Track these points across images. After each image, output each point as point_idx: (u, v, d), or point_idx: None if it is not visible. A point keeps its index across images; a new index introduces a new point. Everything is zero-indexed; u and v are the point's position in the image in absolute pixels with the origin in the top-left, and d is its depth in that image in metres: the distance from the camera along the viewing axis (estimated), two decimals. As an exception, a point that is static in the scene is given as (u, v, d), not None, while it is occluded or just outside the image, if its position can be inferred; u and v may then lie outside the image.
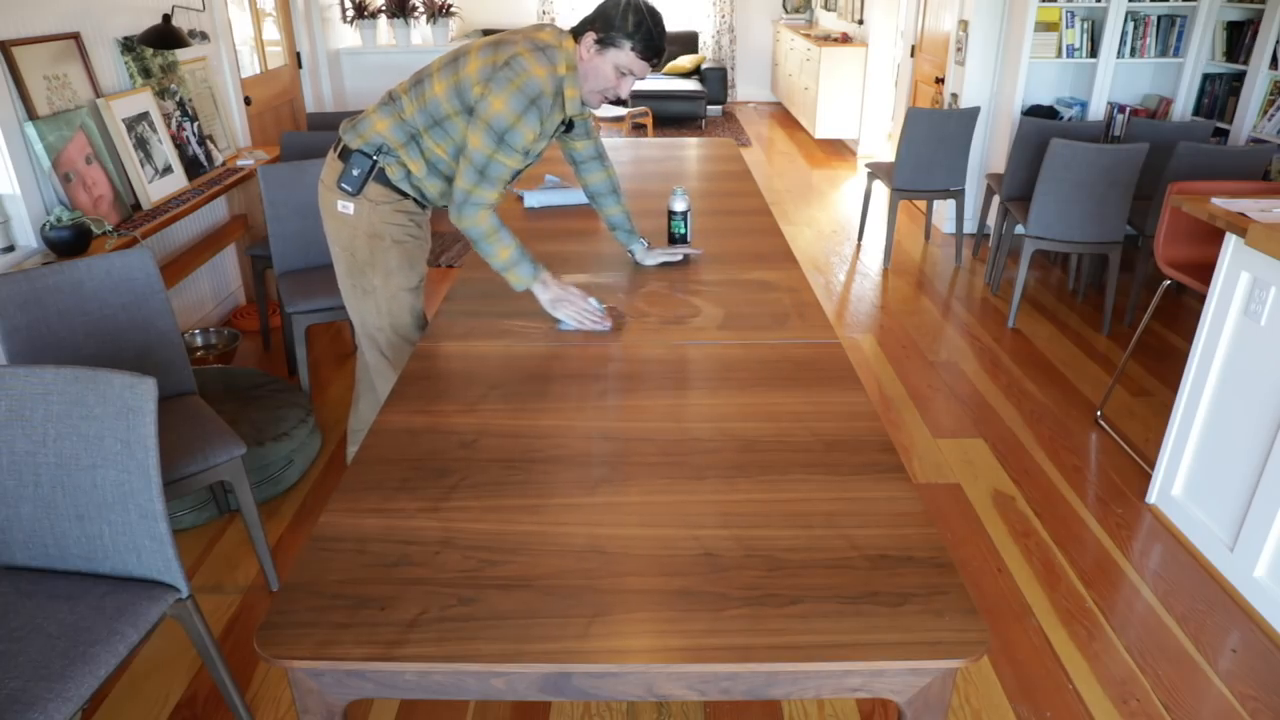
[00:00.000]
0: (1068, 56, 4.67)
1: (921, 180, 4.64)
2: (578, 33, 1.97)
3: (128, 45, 3.29)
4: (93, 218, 2.74)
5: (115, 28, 3.25)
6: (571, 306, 2.01)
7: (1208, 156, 3.64)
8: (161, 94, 3.40)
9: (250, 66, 4.74)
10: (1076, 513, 2.68)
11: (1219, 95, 4.53)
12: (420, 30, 6.55)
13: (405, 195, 2.16)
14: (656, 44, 1.94)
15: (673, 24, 9.44)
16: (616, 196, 2.38)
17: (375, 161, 2.10)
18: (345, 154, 2.12)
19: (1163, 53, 4.66)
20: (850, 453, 1.49)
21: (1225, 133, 4.40)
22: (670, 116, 8.70)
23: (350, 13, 6.00)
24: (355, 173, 2.10)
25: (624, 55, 1.94)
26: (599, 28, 1.93)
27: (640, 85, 8.36)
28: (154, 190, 3.14)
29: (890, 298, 4.39)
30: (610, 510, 1.35)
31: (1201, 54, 4.59)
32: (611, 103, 2.08)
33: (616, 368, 1.81)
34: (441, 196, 2.19)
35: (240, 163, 3.76)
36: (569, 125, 2.18)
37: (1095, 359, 3.71)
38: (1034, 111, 4.72)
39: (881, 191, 5.96)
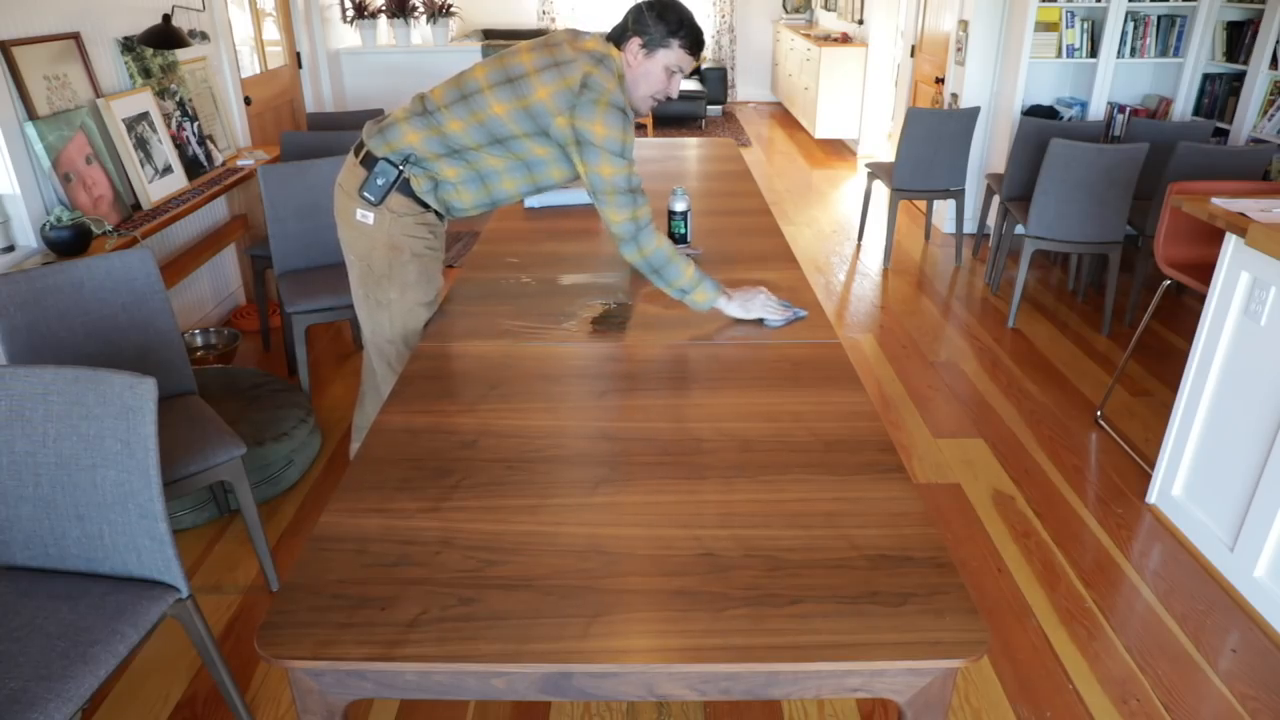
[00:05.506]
0: (1068, 56, 4.67)
1: (921, 180, 4.64)
2: (618, 42, 1.97)
3: (128, 45, 3.29)
4: (93, 218, 2.74)
5: (115, 28, 3.25)
6: (765, 304, 2.00)
7: (1208, 156, 3.64)
8: (161, 94, 3.40)
9: (250, 66, 4.74)
10: (1076, 513, 2.68)
11: (1219, 95, 4.53)
12: (420, 30, 6.55)
13: (427, 208, 2.10)
14: (699, 36, 1.97)
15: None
16: None
17: (401, 172, 2.02)
18: (369, 160, 2.03)
19: (1163, 53, 4.66)
20: (850, 453, 1.49)
21: (1225, 133, 4.40)
22: (670, 116, 8.70)
23: (350, 13, 6.00)
24: (379, 182, 2.02)
25: (673, 54, 1.95)
26: (641, 31, 1.93)
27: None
28: (154, 190, 3.14)
29: (890, 298, 4.39)
30: (610, 510, 1.35)
31: (1201, 54, 4.59)
32: (658, 104, 2.08)
33: (616, 368, 1.81)
34: (474, 206, 2.13)
35: (240, 163, 3.76)
36: None
37: (1095, 359, 3.70)
38: (1034, 111, 4.72)
39: (881, 191, 5.96)
